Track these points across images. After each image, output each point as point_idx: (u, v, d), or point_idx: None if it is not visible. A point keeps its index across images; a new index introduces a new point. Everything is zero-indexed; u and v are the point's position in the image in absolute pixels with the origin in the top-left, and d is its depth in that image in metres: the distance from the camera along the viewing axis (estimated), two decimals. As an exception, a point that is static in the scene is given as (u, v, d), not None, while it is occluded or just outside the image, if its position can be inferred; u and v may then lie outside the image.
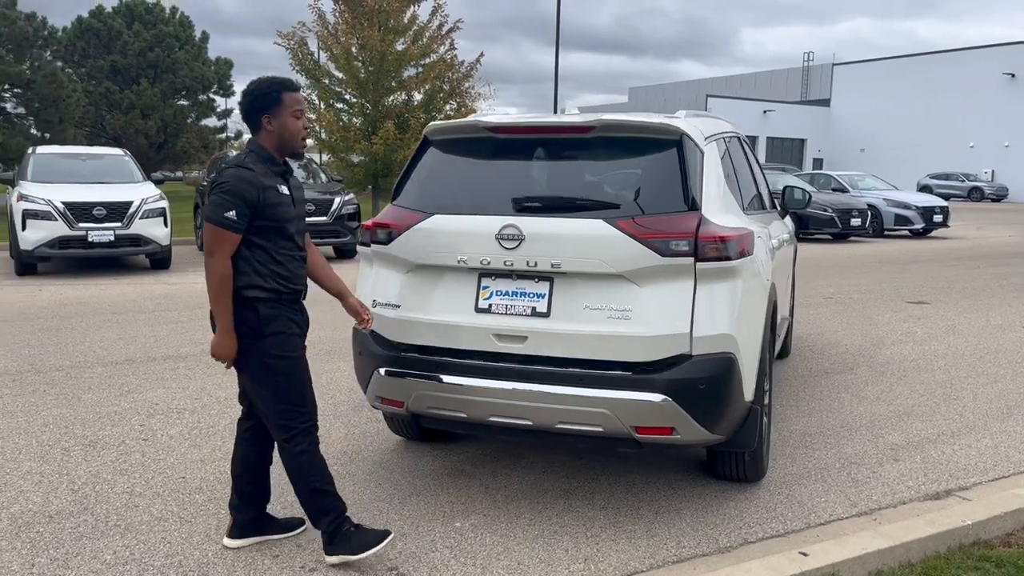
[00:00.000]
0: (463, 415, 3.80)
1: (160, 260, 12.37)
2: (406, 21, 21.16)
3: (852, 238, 19.64)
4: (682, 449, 4.31)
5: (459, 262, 3.76)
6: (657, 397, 3.48)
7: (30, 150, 13.40)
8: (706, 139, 3.99)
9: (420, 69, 21.77)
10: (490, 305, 3.74)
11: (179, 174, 43.43)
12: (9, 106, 28.75)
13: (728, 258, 3.60)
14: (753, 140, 51.48)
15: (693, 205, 3.65)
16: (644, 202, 3.69)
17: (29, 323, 8.11)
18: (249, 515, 3.54)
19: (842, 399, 5.84)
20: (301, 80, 21.40)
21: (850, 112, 53.21)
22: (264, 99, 3.30)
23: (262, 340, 3.25)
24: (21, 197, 11.49)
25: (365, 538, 3.33)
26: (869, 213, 19.32)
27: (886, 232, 20.42)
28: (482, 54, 22.09)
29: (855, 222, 18.81)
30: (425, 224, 3.87)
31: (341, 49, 20.72)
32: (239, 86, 38.86)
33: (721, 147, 4.28)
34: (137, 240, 11.78)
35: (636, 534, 3.70)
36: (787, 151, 52.59)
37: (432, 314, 3.82)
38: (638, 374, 3.52)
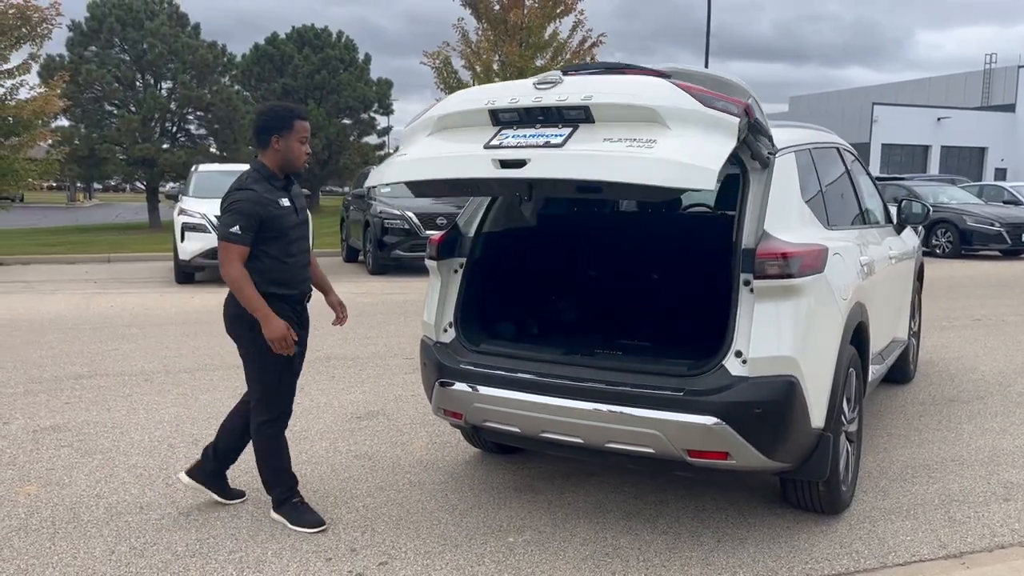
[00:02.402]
0: (516, 429, 3.81)
1: (301, 270, 13.06)
2: (547, 37, 21.42)
3: (1025, 255, 18.02)
4: (742, 475, 4.10)
5: (486, 104, 3.54)
6: (710, 420, 3.34)
7: (193, 168, 14.57)
8: (780, 150, 3.80)
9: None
10: (501, 143, 3.44)
11: (346, 189, 45.74)
12: (192, 127, 31.37)
13: (791, 275, 3.41)
14: (925, 149, 48.20)
15: None
16: None
17: (174, 327, 8.81)
18: (211, 467, 4.07)
19: (961, 430, 5.37)
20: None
21: (1039, 118, 48.83)
22: (278, 121, 3.73)
23: (257, 333, 3.66)
24: (181, 211, 12.52)
25: (304, 517, 3.82)
26: (1046, 228, 17.64)
27: (1068, 249, 18.56)
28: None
29: (1028, 237, 17.25)
30: (464, 90, 3.81)
31: (483, 66, 21.24)
32: (399, 105, 40.50)
33: (802, 159, 4.06)
34: (279, 251, 12.49)
35: (691, 561, 3.56)
36: (964, 160, 48.85)
37: (436, 152, 3.61)
38: (690, 395, 3.40)
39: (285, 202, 3.77)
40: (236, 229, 3.59)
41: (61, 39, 29.88)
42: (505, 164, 3.33)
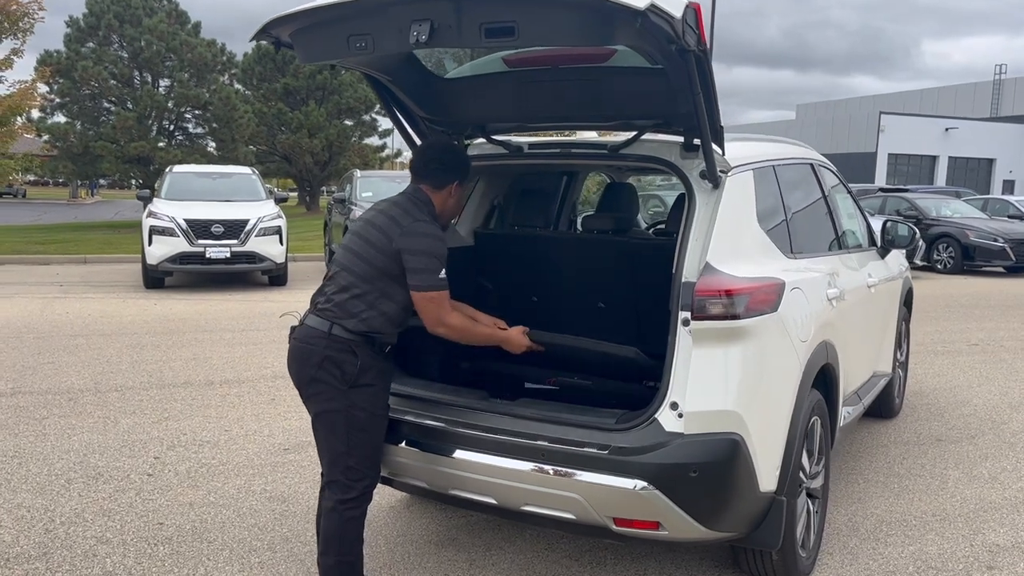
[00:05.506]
0: (423, 484, 3.32)
1: (276, 277, 12.64)
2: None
3: (1030, 272, 17.42)
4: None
5: None
6: (636, 483, 2.85)
7: (168, 168, 14.13)
8: (735, 168, 3.30)
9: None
10: None
11: (348, 189, 45.27)
12: (190, 126, 30.99)
13: (735, 316, 2.93)
14: (932, 160, 47.62)
15: None
16: None
17: (123, 338, 8.34)
18: None
19: (947, 477, 4.86)
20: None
21: (1049, 130, 48.15)
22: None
23: (354, 390, 3.01)
24: (151, 213, 12.08)
25: None
26: (1052, 244, 17.05)
27: (1076, 266, 17.98)
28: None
29: (1033, 254, 16.66)
30: None
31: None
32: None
33: (762, 177, 3.56)
34: (252, 257, 12.11)
35: (618, 644, 3.07)
36: (972, 172, 48.23)
37: None
38: (615, 454, 2.90)
39: None
40: (443, 275, 3.05)
41: (60, 35, 29.53)
42: None
